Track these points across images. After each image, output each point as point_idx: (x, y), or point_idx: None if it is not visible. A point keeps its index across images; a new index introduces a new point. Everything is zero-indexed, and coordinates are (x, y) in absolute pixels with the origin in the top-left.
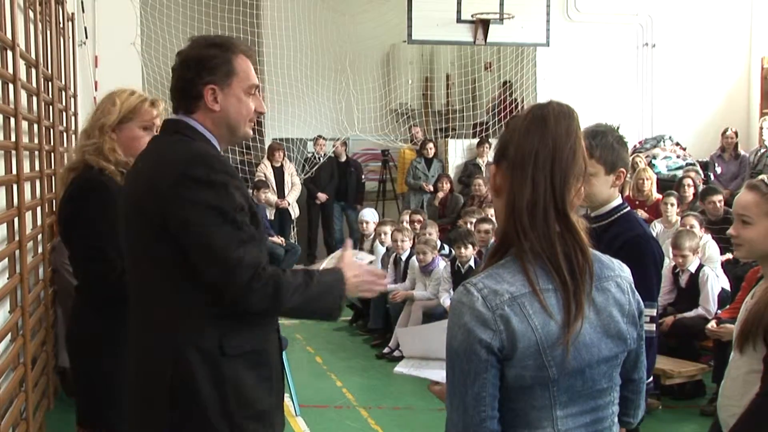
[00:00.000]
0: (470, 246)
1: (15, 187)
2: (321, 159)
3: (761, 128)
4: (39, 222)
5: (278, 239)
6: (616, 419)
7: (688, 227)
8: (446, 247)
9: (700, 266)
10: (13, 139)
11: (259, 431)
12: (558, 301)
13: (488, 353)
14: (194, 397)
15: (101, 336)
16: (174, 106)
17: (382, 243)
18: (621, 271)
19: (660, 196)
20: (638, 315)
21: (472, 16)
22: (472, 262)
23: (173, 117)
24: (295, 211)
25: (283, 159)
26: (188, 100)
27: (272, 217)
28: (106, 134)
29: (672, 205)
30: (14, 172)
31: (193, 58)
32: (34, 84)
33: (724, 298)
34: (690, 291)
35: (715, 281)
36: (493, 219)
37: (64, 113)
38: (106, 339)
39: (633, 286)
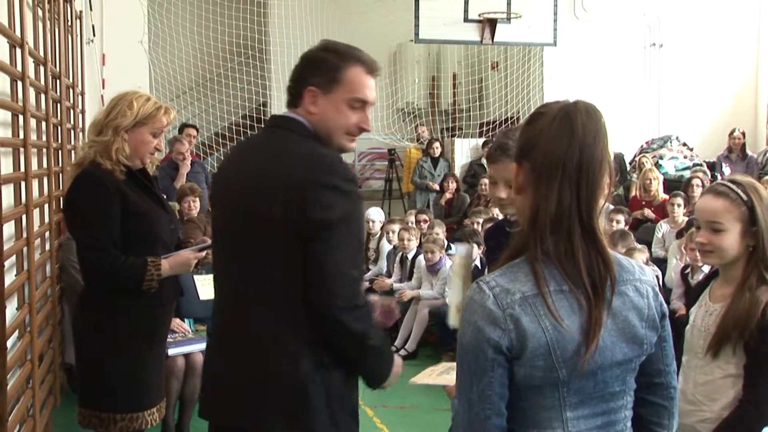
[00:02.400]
0: (476, 245)
1: (23, 184)
2: None
3: None
4: (46, 219)
5: None
6: (629, 423)
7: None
8: (453, 246)
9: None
10: (21, 136)
11: (352, 427)
12: (571, 303)
13: (495, 353)
14: (318, 411)
15: (98, 336)
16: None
17: (389, 241)
18: (641, 274)
19: (666, 197)
20: (660, 318)
21: (479, 15)
22: (477, 262)
23: (284, 113)
24: None
25: None
26: (294, 96)
27: None
28: (119, 135)
29: (678, 205)
30: (22, 169)
31: (308, 57)
32: (42, 82)
33: None
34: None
35: None
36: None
37: (72, 111)
38: (104, 338)
39: (656, 289)
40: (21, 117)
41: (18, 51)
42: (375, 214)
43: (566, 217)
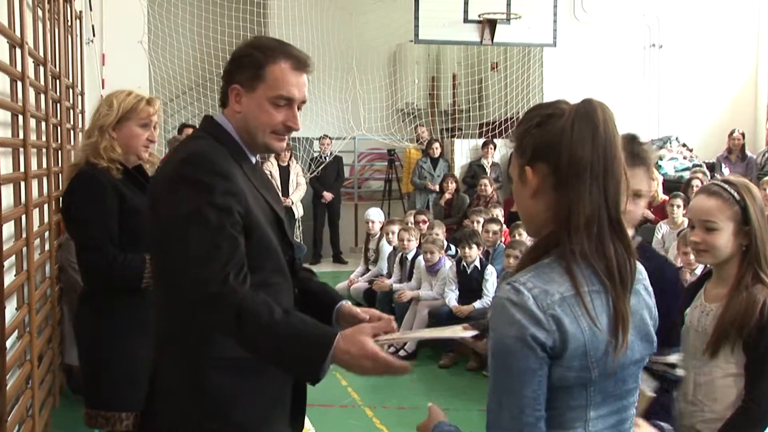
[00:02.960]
0: (475, 246)
1: (23, 184)
2: (327, 158)
3: None
4: (46, 219)
5: None
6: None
7: None
8: (452, 247)
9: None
10: (20, 136)
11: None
12: (603, 302)
13: (542, 351)
14: (166, 399)
15: (101, 336)
16: None
17: (389, 242)
18: (645, 274)
19: (666, 197)
20: (657, 318)
21: (479, 16)
22: (477, 263)
23: (212, 114)
24: (299, 211)
25: (290, 159)
26: (222, 94)
27: None
28: (105, 134)
29: (678, 206)
30: (22, 169)
31: (236, 54)
32: (42, 82)
33: None
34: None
35: None
36: (501, 219)
37: (72, 111)
38: (106, 338)
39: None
40: (21, 117)
41: (18, 51)
42: (374, 215)
43: (596, 217)
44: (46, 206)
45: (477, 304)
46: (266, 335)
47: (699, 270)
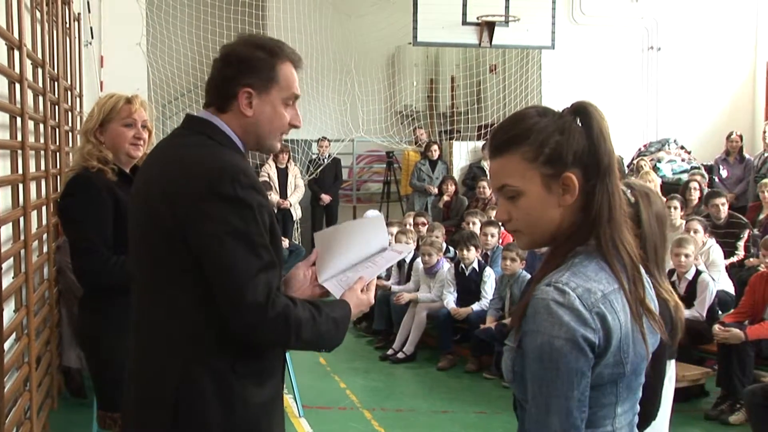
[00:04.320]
0: (473, 248)
1: (21, 186)
2: (325, 160)
3: (765, 132)
4: (44, 222)
5: (284, 241)
6: None
7: (692, 231)
8: (451, 249)
9: (698, 272)
10: (19, 138)
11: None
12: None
13: (591, 351)
14: (201, 419)
15: (101, 337)
16: (205, 101)
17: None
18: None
19: (664, 200)
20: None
21: (477, 18)
22: (475, 265)
23: (200, 114)
24: (297, 213)
25: (288, 161)
26: (222, 98)
27: None
28: (90, 139)
29: (675, 208)
30: (20, 171)
31: (237, 55)
32: (41, 84)
33: (728, 302)
34: (689, 299)
35: (714, 287)
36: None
37: (70, 113)
38: (106, 339)
39: None
40: (19, 119)
41: (16, 53)
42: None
43: (621, 205)
44: (44, 208)
45: (475, 306)
46: (314, 336)
47: (690, 274)
